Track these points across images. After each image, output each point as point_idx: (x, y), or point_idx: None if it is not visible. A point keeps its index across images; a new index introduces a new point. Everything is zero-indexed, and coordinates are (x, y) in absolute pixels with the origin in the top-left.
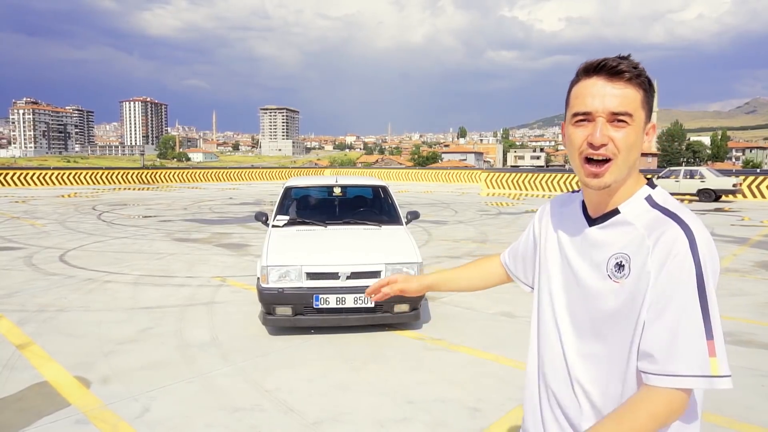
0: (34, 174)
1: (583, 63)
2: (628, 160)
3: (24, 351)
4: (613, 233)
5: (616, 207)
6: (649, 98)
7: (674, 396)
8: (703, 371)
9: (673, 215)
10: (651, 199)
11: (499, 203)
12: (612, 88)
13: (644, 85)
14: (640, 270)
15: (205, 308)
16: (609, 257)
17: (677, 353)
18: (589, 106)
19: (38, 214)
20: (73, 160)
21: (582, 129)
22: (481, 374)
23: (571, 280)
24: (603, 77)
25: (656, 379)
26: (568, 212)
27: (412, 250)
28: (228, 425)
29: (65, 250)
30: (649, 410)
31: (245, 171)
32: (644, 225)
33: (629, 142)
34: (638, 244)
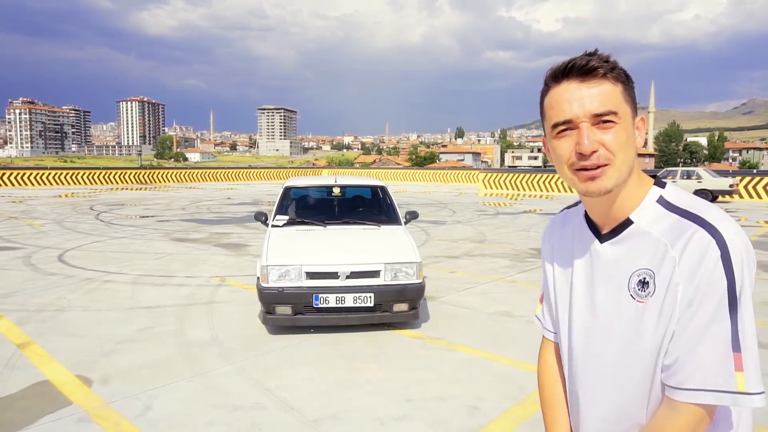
0: (31, 174)
1: (550, 69)
2: (626, 160)
3: (24, 350)
4: (629, 247)
5: (627, 216)
6: (630, 90)
7: (696, 412)
8: (726, 386)
9: (696, 218)
10: (664, 200)
11: (497, 203)
12: (588, 88)
13: (621, 78)
14: (667, 284)
15: (205, 308)
16: (631, 275)
17: (699, 365)
18: (568, 113)
19: (36, 214)
20: (70, 160)
21: (566, 140)
22: (479, 373)
23: (588, 307)
24: (575, 79)
25: (676, 393)
26: (571, 231)
27: (411, 250)
28: (229, 423)
29: (64, 250)
30: (675, 428)
31: (243, 171)
32: (664, 233)
33: (621, 140)
34: (662, 257)
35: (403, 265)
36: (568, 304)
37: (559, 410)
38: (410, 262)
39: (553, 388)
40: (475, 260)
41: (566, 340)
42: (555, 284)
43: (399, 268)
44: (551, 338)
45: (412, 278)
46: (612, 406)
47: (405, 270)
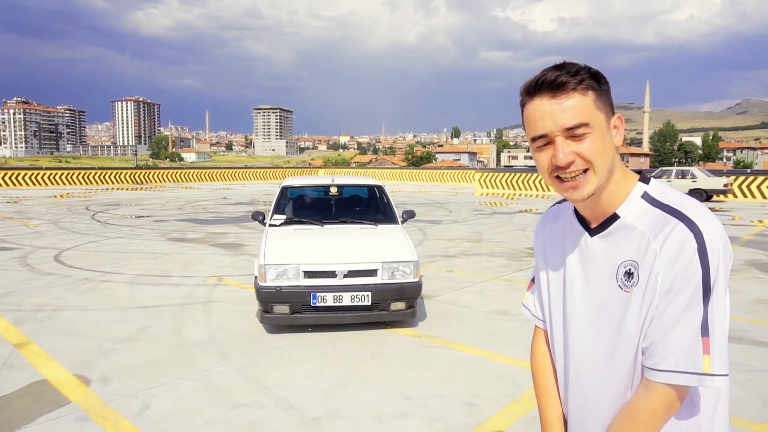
0: (25, 174)
1: (523, 84)
2: (604, 163)
3: (22, 350)
4: (617, 240)
5: (614, 212)
6: (603, 95)
7: (668, 392)
8: (694, 368)
9: (678, 213)
10: (648, 196)
11: (493, 203)
12: (558, 103)
13: (592, 86)
14: (649, 274)
15: (203, 307)
16: (618, 266)
17: (670, 348)
18: (542, 128)
19: (31, 215)
20: (65, 160)
21: (545, 152)
22: (476, 371)
23: (582, 298)
24: (546, 95)
25: (651, 374)
26: (562, 225)
27: (409, 249)
28: (228, 421)
29: (60, 250)
30: (646, 408)
31: (239, 171)
32: (648, 227)
33: (597, 147)
34: (645, 249)
35: (400, 264)
36: (562, 295)
37: (553, 397)
38: (407, 260)
39: (546, 374)
40: (471, 259)
41: (560, 330)
42: (548, 276)
43: (396, 267)
44: (541, 326)
45: (409, 277)
46: (603, 390)
47: (402, 269)
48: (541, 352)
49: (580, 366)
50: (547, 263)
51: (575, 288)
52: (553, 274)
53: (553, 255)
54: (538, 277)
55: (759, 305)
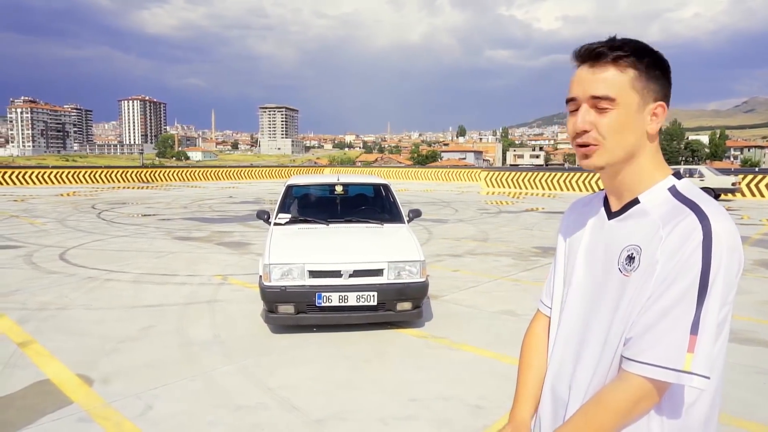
0: (32, 173)
1: (573, 51)
2: (620, 143)
3: (25, 349)
4: (629, 224)
5: (635, 197)
6: (648, 77)
7: (645, 385)
8: (674, 364)
9: (694, 206)
10: (674, 189)
11: (499, 202)
12: (593, 73)
13: (634, 65)
14: (649, 261)
15: (207, 306)
16: (622, 250)
17: (654, 341)
18: (573, 92)
19: (37, 213)
20: (72, 159)
21: (573, 117)
22: (483, 372)
23: (583, 277)
24: (587, 63)
25: (628, 364)
26: (589, 210)
27: (415, 249)
28: (231, 423)
29: (65, 249)
30: (615, 398)
31: (245, 170)
32: (661, 215)
33: (616, 125)
34: (651, 235)
35: (406, 264)
36: (570, 275)
37: (533, 374)
38: (414, 260)
39: (532, 352)
40: (478, 259)
41: (558, 309)
42: (564, 257)
43: (402, 266)
44: (546, 312)
45: (415, 277)
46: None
47: (408, 268)
48: (535, 332)
49: (575, 350)
50: (566, 244)
51: (582, 271)
52: (569, 254)
53: (573, 236)
54: (556, 259)
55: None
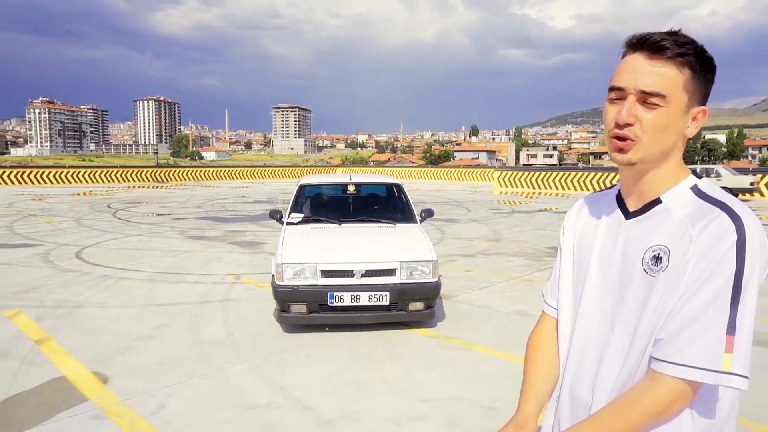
0: (50, 172)
1: (628, 36)
2: (658, 142)
3: (42, 346)
4: (651, 224)
5: (657, 197)
6: (699, 80)
7: (678, 386)
8: (712, 365)
9: (722, 204)
10: (697, 188)
11: (512, 202)
12: (649, 65)
13: (691, 65)
14: (679, 262)
15: (220, 305)
16: (645, 250)
17: (689, 342)
18: (622, 81)
19: (54, 212)
20: (88, 159)
21: (614, 106)
22: (495, 373)
23: (600, 277)
24: (644, 53)
25: (661, 365)
26: (600, 208)
27: (427, 249)
28: (243, 422)
29: (81, 247)
30: (646, 397)
31: (258, 169)
32: (688, 215)
33: (658, 124)
34: (680, 235)
35: (419, 264)
36: (584, 276)
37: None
38: (426, 260)
39: (540, 348)
40: (490, 259)
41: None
42: (574, 257)
43: (415, 266)
44: (552, 314)
45: (428, 277)
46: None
47: (421, 268)
48: (541, 330)
49: (595, 352)
50: (575, 244)
51: (598, 271)
52: (581, 255)
53: (584, 236)
54: (561, 259)
55: None
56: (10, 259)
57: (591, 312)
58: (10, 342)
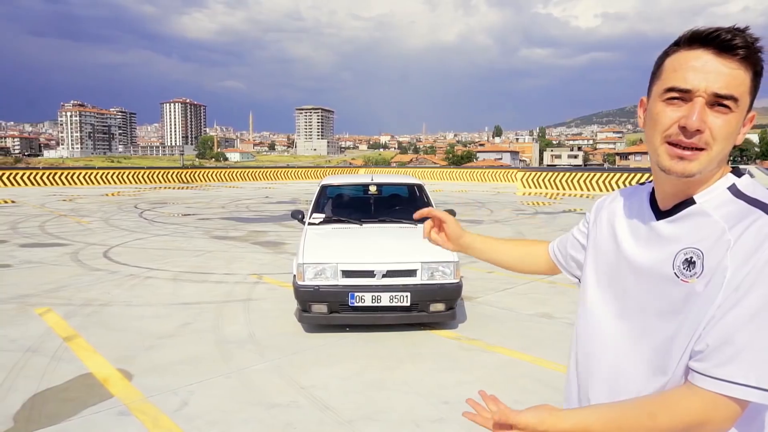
0: (80, 173)
1: (689, 30)
2: (722, 151)
3: (70, 343)
4: (685, 226)
5: (691, 196)
6: (758, 82)
7: (719, 403)
8: (758, 382)
9: (763, 205)
10: (735, 188)
11: (535, 203)
12: (721, 65)
13: (757, 67)
14: (716, 267)
15: (242, 305)
16: (677, 253)
17: (733, 356)
18: (690, 82)
19: (84, 212)
20: (117, 160)
21: (674, 108)
22: (518, 375)
23: (628, 278)
24: (711, 51)
25: (700, 379)
26: (631, 204)
27: None
28: (264, 421)
29: (109, 247)
30: (682, 405)
31: (281, 170)
32: (725, 217)
33: (729, 130)
34: (716, 238)
35: (440, 265)
36: (609, 276)
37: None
38: (447, 261)
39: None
40: None
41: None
42: (598, 254)
43: (436, 267)
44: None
45: (449, 278)
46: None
47: (442, 269)
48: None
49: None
50: (602, 237)
51: (626, 272)
52: (607, 252)
53: (611, 231)
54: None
55: None
56: (42, 258)
57: (615, 315)
58: (40, 338)
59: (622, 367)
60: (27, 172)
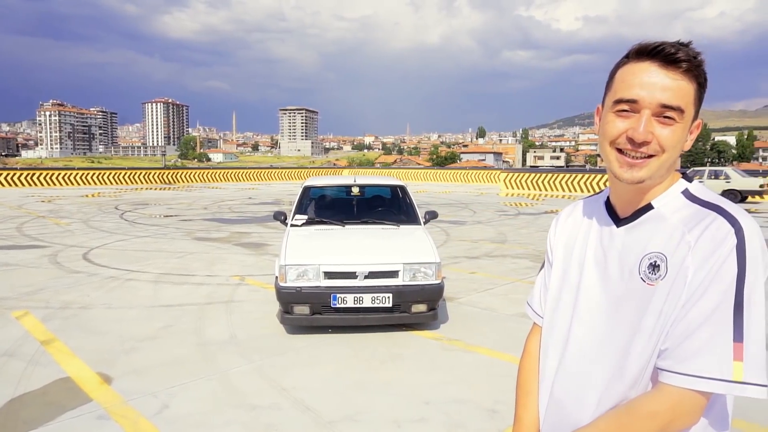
0: (59, 174)
1: (637, 44)
2: (671, 158)
3: (48, 347)
4: (645, 231)
5: (649, 202)
6: (702, 93)
7: (684, 398)
8: (721, 374)
9: (718, 208)
10: (689, 192)
11: (518, 204)
12: (666, 77)
13: (700, 78)
14: (678, 269)
15: (224, 307)
16: (642, 258)
17: (694, 351)
18: (637, 94)
19: (63, 214)
20: (97, 161)
21: (622, 120)
22: (498, 375)
23: (595, 287)
24: (657, 63)
25: (667, 376)
26: (588, 216)
27: (431, 250)
28: (245, 423)
29: (88, 249)
30: (651, 408)
31: (264, 171)
32: (683, 220)
33: (675, 140)
34: (677, 242)
35: (422, 266)
36: (575, 286)
37: (533, 398)
38: (429, 262)
39: (533, 376)
40: (495, 261)
41: (566, 323)
42: (563, 267)
43: (418, 268)
44: (540, 323)
45: (431, 279)
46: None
47: (424, 270)
48: (534, 352)
49: (586, 362)
50: (564, 254)
51: (592, 281)
52: (570, 265)
53: (573, 246)
54: (550, 268)
55: None
56: (19, 260)
57: (584, 323)
58: (17, 342)
59: (588, 370)
60: (4, 172)
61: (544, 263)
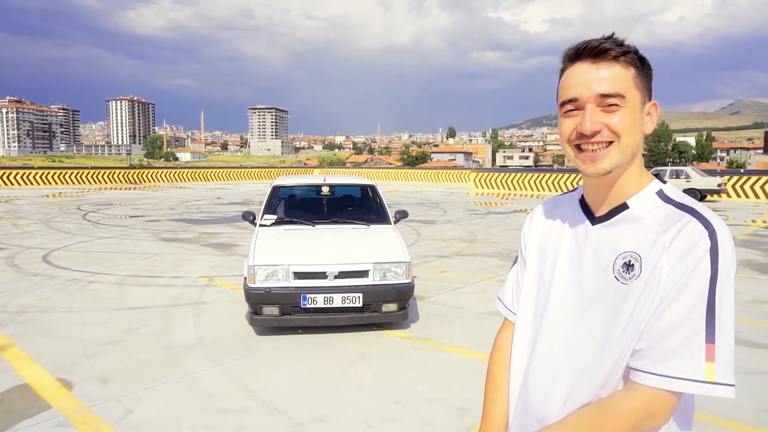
0: (17, 173)
1: (565, 49)
2: (631, 142)
3: (3, 353)
4: (620, 230)
5: (624, 202)
6: (644, 76)
7: (657, 397)
8: (694, 375)
9: (692, 210)
10: (663, 193)
11: (487, 203)
12: (597, 69)
13: (635, 62)
14: (653, 269)
15: (192, 308)
16: (616, 257)
17: (668, 352)
18: (575, 92)
19: (21, 214)
20: (59, 160)
21: (571, 119)
22: (468, 373)
23: (567, 283)
24: (587, 60)
25: (641, 377)
26: (562, 213)
27: (401, 250)
28: (213, 426)
29: (49, 251)
30: (625, 407)
31: (234, 171)
32: (657, 221)
33: (627, 124)
34: (652, 242)
35: (392, 265)
36: (548, 283)
37: (502, 393)
38: (399, 261)
39: (502, 370)
40: (465, 260)
41: (537, 320)
42: (537, 264)
43: (388, 267)
44: (512, 319)
45: (401, 278)
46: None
47: (394, 270)
48: (505, 347)
49: (556, 359)
50: (538, 251)
51: (565, 277)
52: (544, 262)
53: (547, 243)
54: (523, 265)
55: (754, 306)
56: None
57: (556, 322)
58: None
59: (558, 366)
60: None
61: (516, 259)
